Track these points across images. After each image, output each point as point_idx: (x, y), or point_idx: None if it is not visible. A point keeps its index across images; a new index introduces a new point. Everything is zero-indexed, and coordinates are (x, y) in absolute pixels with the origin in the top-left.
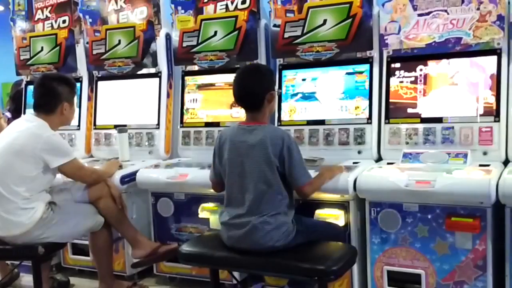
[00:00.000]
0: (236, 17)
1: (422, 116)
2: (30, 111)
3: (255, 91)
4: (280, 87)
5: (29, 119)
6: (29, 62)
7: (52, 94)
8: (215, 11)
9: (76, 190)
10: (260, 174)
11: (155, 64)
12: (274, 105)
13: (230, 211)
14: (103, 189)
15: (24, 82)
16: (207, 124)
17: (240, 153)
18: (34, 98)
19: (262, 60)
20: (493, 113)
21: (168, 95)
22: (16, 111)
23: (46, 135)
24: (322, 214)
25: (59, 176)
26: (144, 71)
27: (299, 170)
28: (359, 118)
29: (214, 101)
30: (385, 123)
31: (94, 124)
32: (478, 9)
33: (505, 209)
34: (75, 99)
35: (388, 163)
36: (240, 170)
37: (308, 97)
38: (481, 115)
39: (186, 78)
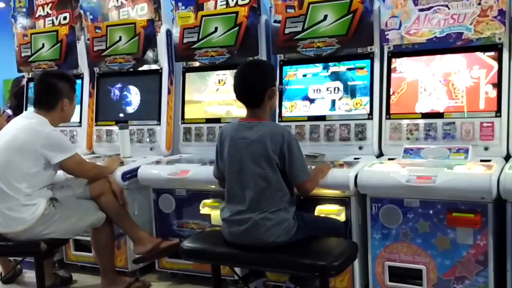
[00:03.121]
0: (237, 13)
1: (423, 111)
2: (31, 108)
3: (255, 87)
4: (281, 83)
5: (28, 116)
6: (30, 59)
7: (52, 90)
8: (215, 7)
9: (78, 186)
10: (259, 171)
11: (156, 60)
12: (275, 101)
13: (231, 208)
14: (104, 185)
15: (25, 79)
16: (208, 120)
17: (239, 149)
18: (34, 95)
19: (262, 56)
20: (495, 108)
21: (169, 92)
22: (18, 108)
23: (46, 131)
24: (323, 210)
25: (60, 172)
26: (145, 67)
27: (299, 167)
28: (360, 114)
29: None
30: (386, 118)
31: (96, 121)
32: (479, 4)
33: (506, 204)
34: (75, 96)
35: (389, 159)
36: (240, 167)
37: (309, 92)
38: (482, 110)
39: None
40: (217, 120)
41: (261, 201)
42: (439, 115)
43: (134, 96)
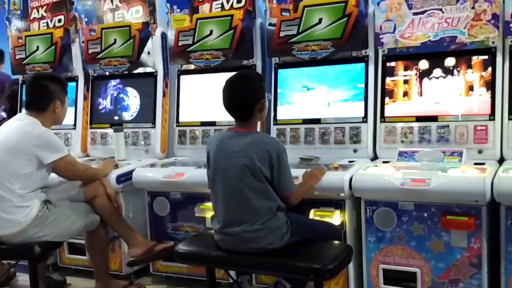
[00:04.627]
0: (232, 16)
1: (418, 114)
2: (24, 111)
3: (245, 102)
4: (276, 86)
5: (20, 118)
6: (24, 62)
7: (44, 92)
8: (210, 10)
9: (71, 189)
10: (245, 181)
11: (150, 63)
12: (265, 114)
13: (219, 218)
14: (98, 188)
15: (20, 82)
16: (203, 124)
17: (224, 158)
18: (25, 97)
19: (257, 59)
20: (488, 111)
21: (164, 94)
22: (12, 111)
23: (38, 131)
24: (318, 212)
25: (54, 174)
26: (140, 70)
27: (287, 178)
28: (355, 117)
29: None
30: (381, 121)
31: (90, 123)
32: (473, 8)
33: (500, 207)
34: (67, 98)
35: (384, 162)
36: (225, 177)
37: (304, 95)
38: (476, 114)
39: None
40: (212, 123)
41: (249, 213)
42: (433, 119)
43: (129, 99)
